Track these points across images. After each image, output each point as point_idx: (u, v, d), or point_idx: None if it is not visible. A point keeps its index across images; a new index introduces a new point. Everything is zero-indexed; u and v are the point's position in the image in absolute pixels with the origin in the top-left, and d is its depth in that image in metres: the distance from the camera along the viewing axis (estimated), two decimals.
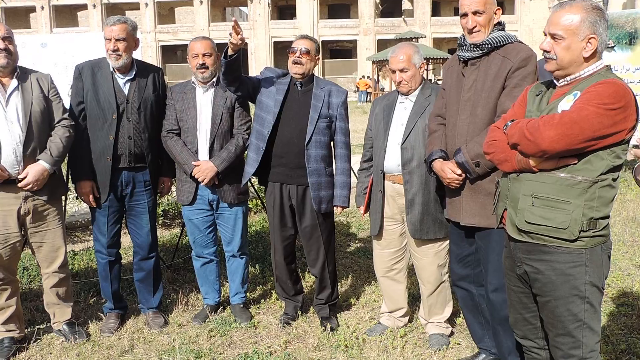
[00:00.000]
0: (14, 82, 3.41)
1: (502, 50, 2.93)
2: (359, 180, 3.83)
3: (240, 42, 3.42)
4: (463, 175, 2.96)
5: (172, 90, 3.94)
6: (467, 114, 2.98)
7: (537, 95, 2.49)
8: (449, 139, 3.08)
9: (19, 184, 3.38)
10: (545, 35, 2.36)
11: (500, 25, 2.99)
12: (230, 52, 3.48)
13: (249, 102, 3.94)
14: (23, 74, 3.48)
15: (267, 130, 3.68)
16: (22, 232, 3.53)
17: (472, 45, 2.97)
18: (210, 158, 3.79)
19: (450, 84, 3.15)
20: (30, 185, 3.38)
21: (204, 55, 3.77)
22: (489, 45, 2.93)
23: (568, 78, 2.36)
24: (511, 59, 2.87)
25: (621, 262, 4.98)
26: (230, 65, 3.52)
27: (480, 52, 2.96)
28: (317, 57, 3.77)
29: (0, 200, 3.40)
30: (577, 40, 2.27)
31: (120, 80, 3.73)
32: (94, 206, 3.78)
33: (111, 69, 3.71)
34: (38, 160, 3.41)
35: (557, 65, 2.33)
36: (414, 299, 4.17)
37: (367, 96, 32.63)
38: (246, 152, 3.87)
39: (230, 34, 3.40)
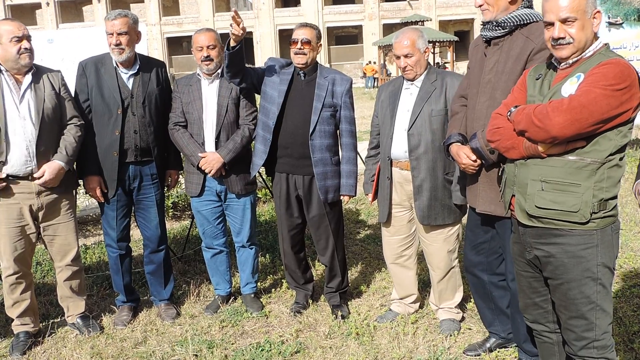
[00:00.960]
0: (27, 80, 3.44)
1: (526, 30, 2.79)
2: (366, 167, 3.82)
3: (241, 32, 3.40)
4: (478, 161, 2.88)
5: (178, 82, 3.93)
6: (487, 97, 2.88)
7: (537, 79, 2.46)
8: (469, 122, 3.00)
9: (37, 182, 3.43)
10: (551, 24, 2.30)
11: (527, 2, 2.85)
12: (232, 43, 3.46)
13: (255, 93, 3.93)
14: (36, 72, 3.51)
15: (272, 121, 3.67)
16: (36, 225, 3.57)
17: (494, 24, 2.85)
18: (216, 149, 3.79)
19: (473, 64, 3.05)
20: (48, 184, 3.44)
21: (208, 47, 3.75)
22: (511, 23, 2.80)
23: (570, 60, 2.33)
24: (534, 40, 2.74)
25: (633, 243, 4.94)
26: (233, 57, 3.50)
27: (502, 30, 2.83)
28: (319, 45, 3.74)
29: (15, 196, 3.43)
30: (587, 17, 2.26)
31: (124, 75, 3.73)
32: (102, 201, 3.80)
33: (114, 64, 3.71)
34: (54, 159, 3.45)
35: (575, 48, 2.29)
36: (425, 285, 4.16)
37: (374, 82, 32.39)
38: (253, 143, 3.86)
39: (231, 25, 3.37)
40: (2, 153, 3.35)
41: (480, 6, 2.89)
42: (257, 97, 3.91)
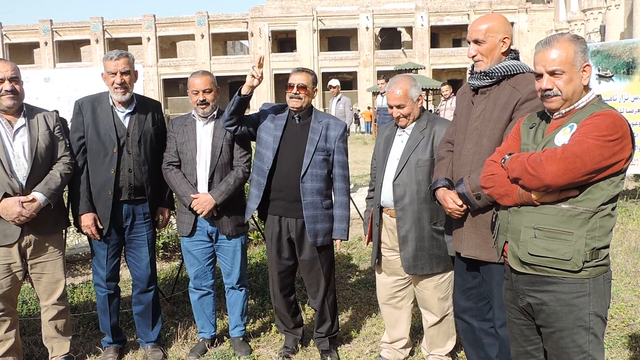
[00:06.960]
0: (21, 120, 3.46)
1: (513, 80, 2.87)
2: (367, 208, 3.81)
3: (260, 80, 3.57)
4: (465, 206, 2.91)
5: (173, 122, 3.96)
6: (473, 144, 2.93)
7: (531, 128, 2.50)
8: (455, 168, 3.04)
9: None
10: (540, 75, 2.37)
11: (514, 53, 2.94)
12: (246, 90, 3.57)
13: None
14: (30, 112, 3.53)
15: (267, 165, 3.69)
16: (23, 263, 3.51)
17: (482, 74, 2.92)
18: (209, 190, 3.79)
19: (460, 111, 3.11)
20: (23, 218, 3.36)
21: (204, 91, 3.79)
22: (499, 74, 2.87)
23: (563, 110, 2.38)
24: (520, 90, 2.81)
25: (624, 293, 4.93)
26: (242, 104, 3.62)
27: (490, 80, 2.91)
28: (314, 89, 3.79)
29: (2, 232, 3.39)
30: (575, 71, 2.32)
31: (120, 113, 3.75)
32: (98, 238, 3.75)
33: (111, 103, 3.74)
34: (34, 191, 3.39)
35: (563, 100, 2.34)
36: (416, 331, 4.12)
37: (370, 127, 32.62)
38: (247, 185, 3.85)
39: (252, 71, 3.56)
40: None
41: (473, 57, 2.96)
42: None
